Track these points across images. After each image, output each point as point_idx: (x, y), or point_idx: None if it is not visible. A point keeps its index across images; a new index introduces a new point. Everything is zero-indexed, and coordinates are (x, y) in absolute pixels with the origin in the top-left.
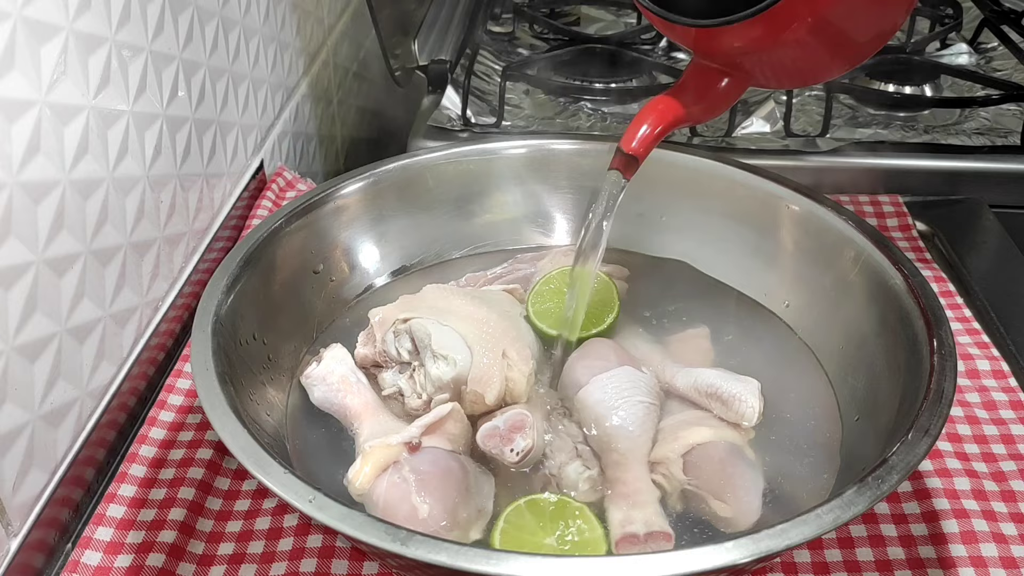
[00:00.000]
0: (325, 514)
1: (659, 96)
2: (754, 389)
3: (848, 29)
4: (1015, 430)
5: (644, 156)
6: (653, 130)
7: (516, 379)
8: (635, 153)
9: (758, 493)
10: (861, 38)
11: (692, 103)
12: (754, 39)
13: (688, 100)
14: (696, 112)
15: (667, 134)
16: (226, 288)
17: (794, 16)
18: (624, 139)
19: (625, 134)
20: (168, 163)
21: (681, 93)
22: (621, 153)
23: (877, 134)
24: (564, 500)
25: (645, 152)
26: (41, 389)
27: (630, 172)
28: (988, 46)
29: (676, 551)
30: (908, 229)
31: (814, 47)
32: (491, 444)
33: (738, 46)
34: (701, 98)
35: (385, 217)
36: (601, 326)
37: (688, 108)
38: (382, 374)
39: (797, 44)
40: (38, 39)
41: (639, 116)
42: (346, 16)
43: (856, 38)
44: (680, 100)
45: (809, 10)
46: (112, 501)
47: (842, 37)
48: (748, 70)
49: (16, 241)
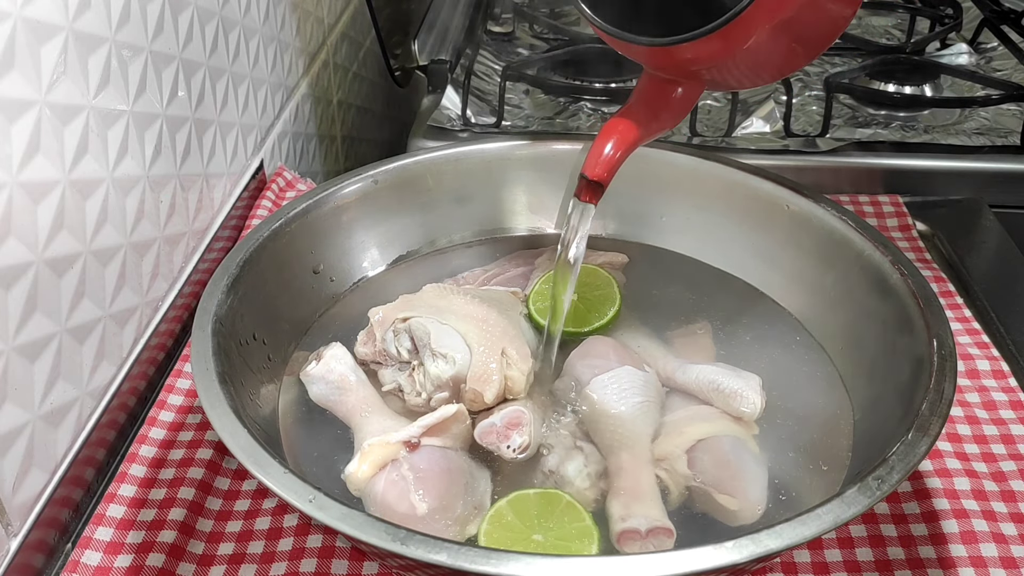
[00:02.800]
0: (325, 514)
1: (615, 117)
2: (755, 384)
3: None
4: (1015, 430)
5: (608, 181)
6: (615, 153)
7: (515, 377)
8: (599, 179)
9: (763, 486)
10: (819, 33)
11: (649, 118)
12: (714, 51)
13: (644, 116)
14: (655, 127)
15: (629, 155)
16: (226, 288)
17: (755, 24)
18: (586, 166)
19: (587, 160)
20: (168, 163)
21: (636, 110)
22: (585, 180)
23: (877, 134)
24: (548, 493)
25: (609, 177)
26: (41, 389)
27: (596, 198)
28: (988, 46)
29: (676, 551)
30: (908, 229)
31: (774, 49)
32: (488, 440)
33: (696, 58)
34: (658, 112)
35: (385, 217)
36: (603, 319)
37: (646, 124)
38: (382, 371)
39: (758, 50)
40: (38, 39)
41: (598, 141)
42: (346, 16)
43: (814, 34)
44: (636, 117)
45: (770, 16)
46: (112, 501)
47: (801, 35)
48: (703, 78)
49: (16, 241)
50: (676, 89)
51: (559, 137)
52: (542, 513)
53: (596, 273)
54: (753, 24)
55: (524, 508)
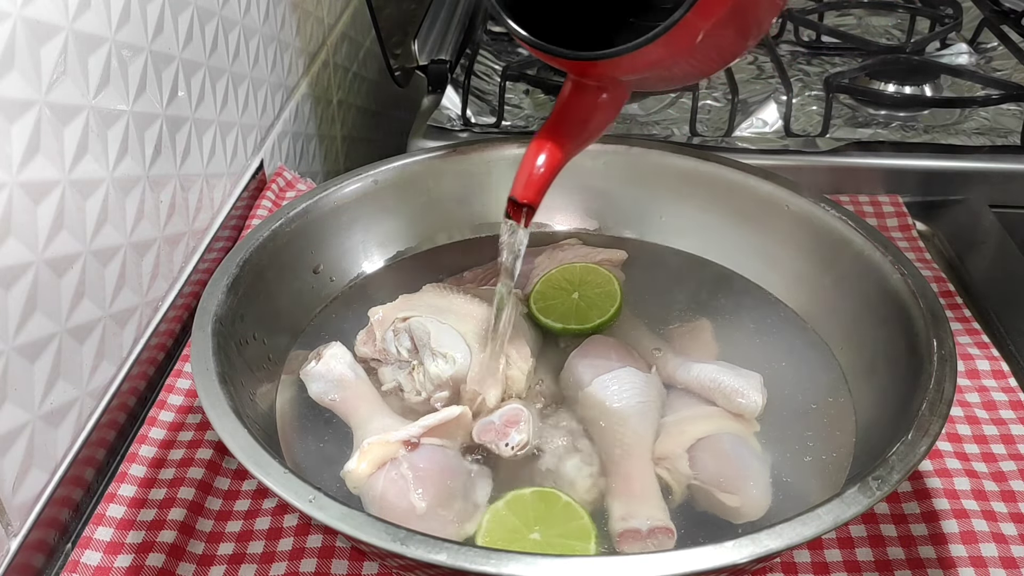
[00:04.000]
0: (325, 514)
1: (540, 134)
2: (756, 383)
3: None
4: (1015, 430)
5: (539, 202)
6: (545, 173)
7: (515, 377)
8: (528, 202)
9: (765, 482)
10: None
11: (577, 131)
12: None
13: (572, 129)
14: (583, 139)
15: (558, 171)
16: (226, 288)
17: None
18: (514, 188)
19: (515, 182)
20: (168, 163)
21: (562, 123)
22: (514, 203)
23: (877, 134)
24: (545, 492)
25: (538, 198)
26: (41, 389)
27: (528, 220)
28: (988, 46)
29: (676, 551)
30: (908, 229)
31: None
32: (487, 438)
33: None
34: (585, 122)
35: (385, 217)
36: (604, 316)
37: (574, 138)
38: (381, 370)
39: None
40: (38, 39)
41: (525, 161)
42: (346, 16)
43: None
44: (563, 131)
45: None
46: (112, 501)
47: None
48: (631, 83)
49: (16, 241)
50: (600, 96)
51: None
52: (540, 512)
53: (596, 271)
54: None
55: (522, 507)
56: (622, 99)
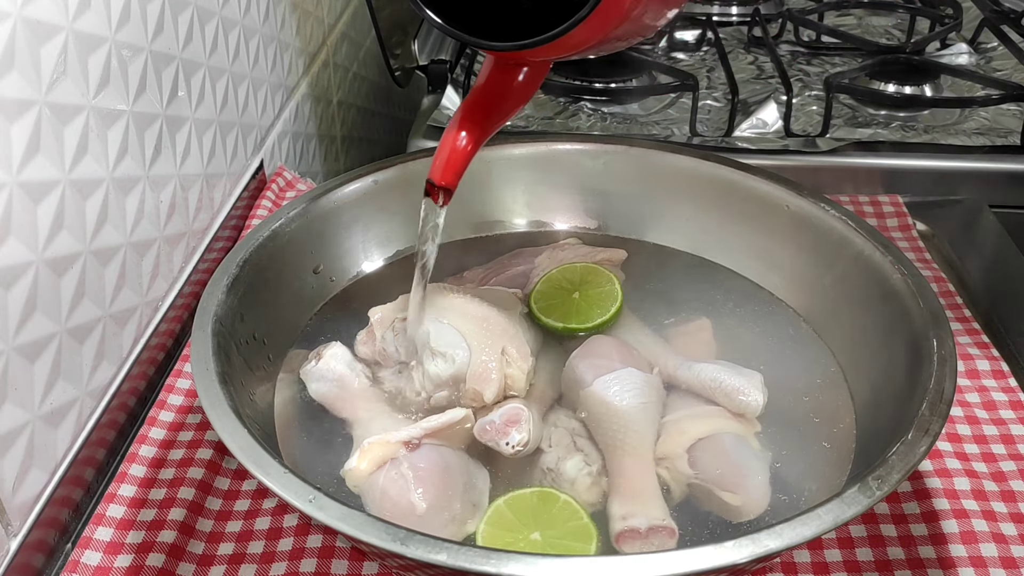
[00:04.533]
0: (325, 514)
1: (457, 117)
2: (757, 382)
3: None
4: (1015, 430)
5: (456, 185)
6: (462, 154)
7: (515, 376)
8: (447, 184)
9: (765, 482)
10: None
11: (496, 109)
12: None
13: (492, 107)
14: (502, 116)
15: (476, 152)
16: (226, 288)
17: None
18: (432, 171)
19: (433, 165)
20: (168, 163)
21: (479, 101)
22: (432, 185)
23: (877, 134)
24: (545, 492)
25: (456, 180)
26: (41, 389)
27: (446, 200)
28: (988, 46)
29: (675, 551)
30: (908, 229)
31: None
32: (487, 437)
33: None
34: (503, 99)
35: (385, 217)
36: (605, 316)
37: (493, 117)
38: (381, 371)
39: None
40: (38, 39)
41: (444, 143)
42: (346, 16)
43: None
44: (483, 111)
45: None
46: (112, 501)
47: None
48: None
49: (16, 241)
50: (519, 73)
51: (559, 137)
52: (540, 512)
53: (596, 271)
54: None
55: (522, 507)
56: (539, 77)
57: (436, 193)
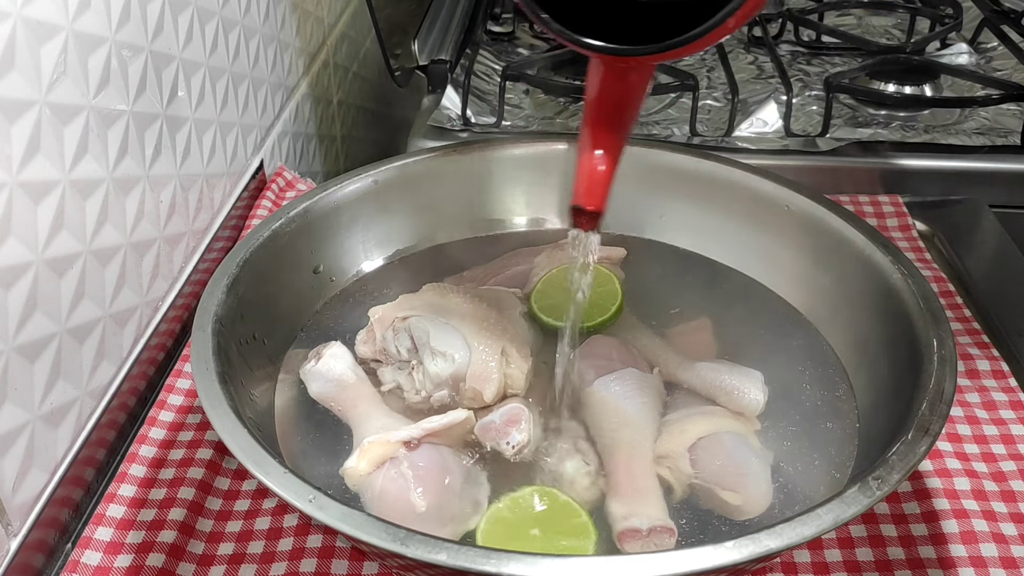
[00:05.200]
0: (325, 514)
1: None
2: (757, 381)
3: None
4: (1015, 430)
5: (604, 206)
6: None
7: (515, 376)
8: (595, 208)
9: (767, 480)
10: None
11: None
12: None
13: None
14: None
15: (617, 167)
16: (226, 288)
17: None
18: (576, 196)
19: (576, 188)
20: (168, 163)
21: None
22: (580, 212)
23: (877, 134)
24: (545, 491)
25: (604, 202)
26: (41, 389)
27: (597, 225)
28: (988, 46)
29: (676, 551)
30: (908, 229)
31: None
32: (487, 437)
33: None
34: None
35: (385, 217)
36: (606, 315)
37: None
38: (381, 369)
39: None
40: (38, 39)
41: (580, 167)
42: (346, 16)
43: None
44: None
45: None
46: (112, 501)
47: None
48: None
49: (16, 241)
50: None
51: (559, 137)
52: (540, 511)
53: (596, 270)
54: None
55: (522, 506)
56: (647, 76)
57: (583, 219)
